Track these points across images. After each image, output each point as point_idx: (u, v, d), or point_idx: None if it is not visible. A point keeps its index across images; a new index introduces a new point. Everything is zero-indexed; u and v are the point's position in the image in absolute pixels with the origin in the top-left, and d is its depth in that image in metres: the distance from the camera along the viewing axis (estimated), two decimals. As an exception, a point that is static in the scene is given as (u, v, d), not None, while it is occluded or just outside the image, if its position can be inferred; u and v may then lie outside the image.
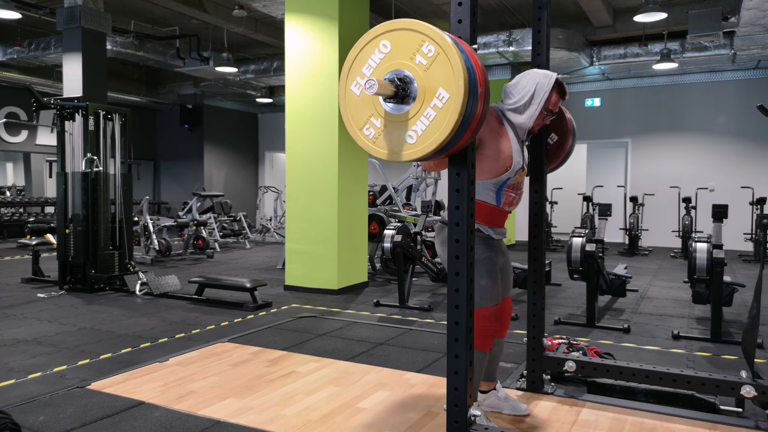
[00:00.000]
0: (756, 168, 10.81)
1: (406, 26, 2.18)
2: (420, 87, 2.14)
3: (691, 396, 2.92)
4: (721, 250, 4.35)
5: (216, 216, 11.63)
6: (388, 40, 2.21)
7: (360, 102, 2.27)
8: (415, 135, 2.16)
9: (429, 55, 2.13)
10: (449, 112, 2.08)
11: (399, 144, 2.21)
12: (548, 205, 11.08)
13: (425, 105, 2.14)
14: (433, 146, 2.12)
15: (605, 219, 6.75)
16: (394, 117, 2.20)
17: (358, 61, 2.27)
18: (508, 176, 2.57)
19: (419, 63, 2.14)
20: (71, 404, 3.01)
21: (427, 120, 2.13)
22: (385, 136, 2.24)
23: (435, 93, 2.11)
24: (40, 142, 13.22)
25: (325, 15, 6.20)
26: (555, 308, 5.57)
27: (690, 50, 9.21)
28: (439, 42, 2.10)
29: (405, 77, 2.16)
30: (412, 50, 2.16)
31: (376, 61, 2.22)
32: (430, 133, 2.13)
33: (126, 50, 10.04)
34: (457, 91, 2.06)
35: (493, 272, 2.60)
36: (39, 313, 5.25)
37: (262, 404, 3.01)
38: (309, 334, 4.52)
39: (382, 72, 2.21)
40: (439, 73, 2.11)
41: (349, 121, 2.30)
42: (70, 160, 6.30)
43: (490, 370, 2.84)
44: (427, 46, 2.13)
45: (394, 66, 2.19)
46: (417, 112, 2.16)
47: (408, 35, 2.17)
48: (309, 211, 6.37)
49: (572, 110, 12.26)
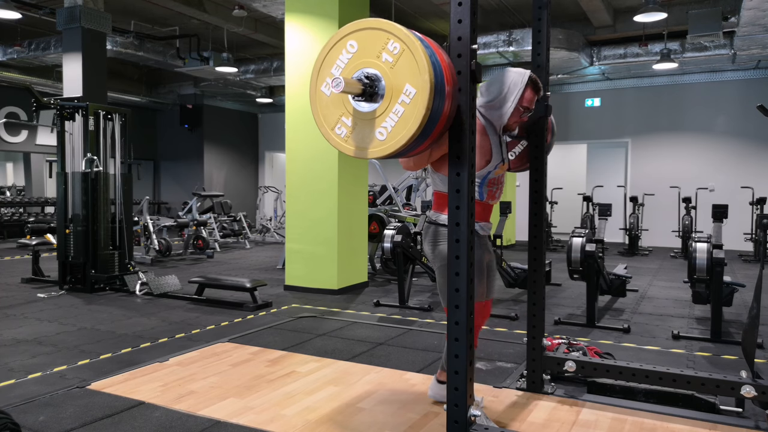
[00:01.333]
0: (756, 168, 10.81)
1: (372, 25, 2.22)
2: (387, 84, 2.19)
3: (691, 396, 2.92)
4: (721, 250, 4.35)
5: (216, 216, 11.64)
6: (355, 40, 2.25)
7: (330, 102, 2.32)
8: (385, 131, 2.21)
9: (394, 52, 2.17)
10: (417, 107, 2.13)
11: (370, 141, 2.25)
12: (548, 205, 11.09)
13: (393, 101, 2.18)
14: (403, 141, 2.16)
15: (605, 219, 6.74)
16: (364, 115, 2.24)
17: (326, 61, 2.31)
18: (489, 170, 2.62)
19: (386, 61, 2.19)
20: (71, 404, 3.01)
21: (396, 116, 2.18)
22: (356, 134, 2.28)
23: (402, 89, 2.16)
24: (40, 142, 13.22)
25: (325, 15, 6.20)
26: (555, 308, 5.57)
27: (690, 50, 9.21)
28: (404, 39, 2.14)
29: (372, 75, 2.21)
30: (378, 49, 2.20)
31: (344, 61, 2.26)
32: (400, 129, 2.18)
33: (126, 50, 10.04)
34: (423, 86, 2.10)
35: (478, 270, 2.62)
36: (39, 313, 5.25)
37: (262, 404, 3.01)
38: (309, 334, 4.52)
39: (350, 71, 2.25)
40: (405, 70, 2.15)
41: (320, 121, 2.35)
42: (70, 160, 6.30)
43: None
44: (392, 44, 2.17)
45: (362, 65, 2.23)
46: (386, 108, 2.20)
47: (374, 34, 2.21)
48: (309, 211, 6.37)
49: (572, 110, 12.30)
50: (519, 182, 12.20)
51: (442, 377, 2.91)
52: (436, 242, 2.65)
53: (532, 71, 2.74)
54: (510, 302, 5.87)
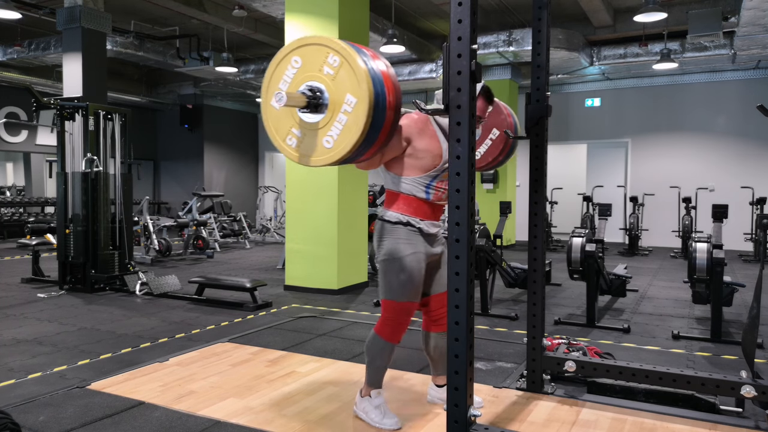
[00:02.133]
0: (756, 168, 10.81)
1: (312, 41, 2.41)
2: (330, 96, 2.37)
3: (691, 396, 2.92)
4: (721, 250, 4.35)
5: (216, 216, 11.63)
6: (299, 56, 2.44)
7: (281, 115, 2.49)
8: (332, 140, 2.38)
9: (334, 65, 2.35)
10: (358, 116, 2.30)
11: (318, 150, 2.42)
12: (548, 205, 11.09)
13: (337, 111, 2.35)
14: (348, 148, 2.34)
15: (605, 219, 6.75)
16: (311, 125, 2.42)
17: (274, 77, 2.50)
18: (437, 173, 2.69)
19: (327, 73, 2.37)
20: (71, 404, 3.01)
21: (340, 125, 2.35)
22: (305, 143, 2.46)
23: (344, 99, 2.33)
24: (40, 142, 13.22)
25: (325, 15, 6.20)
26: (555, 308, 5.57)
27: (690, 50, 9.21)
28: (341, 52, 2.33)
29: (315, 88, 2.39)
30: (320, 63, 2.38)
31: (290, 76, 2.45)
32: (345, 136, 2.34)
33: (126, 50, 10.04)
34: (363, 94, 2.28)
35: (417, 269, 2.66)
36: (39, 313, 5.25)
37: (262, 404, 3.01)
38: (309, 334, 4.52)
39: (296, 85, 2.43)
40: (345, 81, 2.33)
41: (272, 133, 2.52)
42: (70, 160, 6.30)
43: (438, 363, 2.96)
44: (332, 57, 2.35)
45: (307, 78, 2.41)
46: (330, 118, 2.38)
47: (315, 50, 2.40)
48: (309, 211, 6.37)
49: (572, 110, 12.30)
50: (519, 182, 12.20)
51: (437, 381, 3.02)
52: (382, 238, 2.72)
53: (485, 83, 2.83)
54: (510, 302, 5.87)
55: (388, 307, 2.69)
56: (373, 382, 2.78)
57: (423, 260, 2.70)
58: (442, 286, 2.83)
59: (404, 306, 2.67)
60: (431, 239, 2.76)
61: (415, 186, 2.67)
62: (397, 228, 2.67)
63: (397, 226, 2.67)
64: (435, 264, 2.82)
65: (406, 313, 2.69)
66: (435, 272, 2.83)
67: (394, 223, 2.68)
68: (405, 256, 2.64)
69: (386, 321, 2.71)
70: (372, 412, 2.75)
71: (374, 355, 2.74)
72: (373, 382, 2.78)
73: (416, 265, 2.66)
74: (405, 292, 2.65)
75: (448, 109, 2.17)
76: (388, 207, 2.74)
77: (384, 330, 2.71)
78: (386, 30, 8.70)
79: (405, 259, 2.64)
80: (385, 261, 2.67)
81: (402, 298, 2.66)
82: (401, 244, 2.65)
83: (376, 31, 8.64)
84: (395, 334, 2.71)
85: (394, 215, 2.69)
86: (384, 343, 2.71)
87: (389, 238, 2.68)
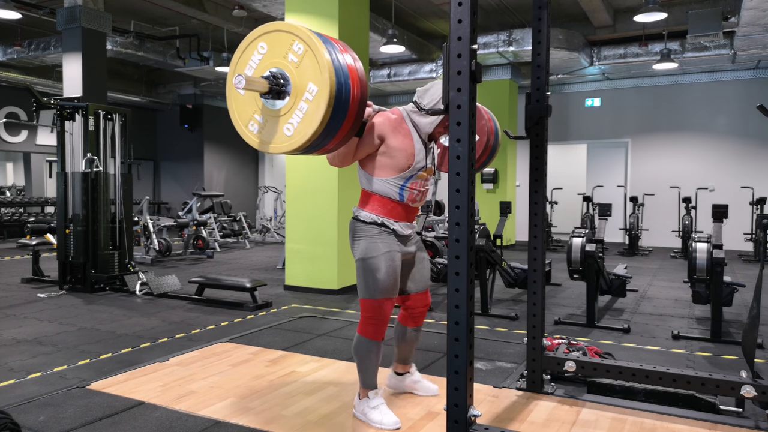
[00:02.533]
0: (756, 168, 10.81)
1: (279, 28, 2.40)
2: (293, 83, 2.36)
3: (691, 396, 2.92)
4: (721, 250, 4.35)
5: (216, 216, 11.63)
6: (265, 42, 2.42)
7: (244, 100, 2.48)
8: (292, 127, 2.37)
9: (299, 52, 2.34)
10: (319, 105, 2.29)
11: (279, 137, 2.41)
12: (548, 205, 11.09)
13: (299, 99, 2.34)
14: (307, 136, 2.33)
15: (605, 219, 6.74)
16: (273, 112, 2.41)
17: (240, 62, 2.49)
18: (411, 173, 2.70)
19: (291, 61, 2.36)
20: (71, 404, 3.01)
21: (301, 113, 2.34)
22: (266, 130, 2.45)
23: (306, 87, 2.32)
24: (40, 142, 13.22)
25: (325, 15, 6.20)
26: (555, 308, 5.57)
27: (690, 50, 9.21)
28: (306, 40, 2.31)
29: (279, 74, 2.38)
30: (285, 49, 2.37)
31: (256, 61, 2.44)
32: (305, 124, 2.33)
33: (126, 50, 10.04)
34: (324, 84, 2.27)
35: (392, 267, 2.70)
36: (39, 313, 5.25)
37: (262, 404, 3.01)
38: (309, 334, 4.52)
39: (261, 71, 2.42)
40: (308, 69, 2.31)
41: (235, 118, 2.52)
42: (70, 160, 6.30)
43: (407, 354, 3.05)
44: (297, 45, 2.34)
45: (271, 65, 2.40)
46: (292, 105, 2.36)
47: (281, 36, 2.38)
48: (309, 211, 6.37)
49: (572, 110, 12.31)
50: (519, 182, 12.21)
51: (399, 369, 3.13)
52: (354, 237, 2.78)
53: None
54: (510, 302, 5.87)
55: (368, 306, 2.73)
56: (368, 383, 2.80)
57: (398, 258, 2.74)
58: (421, 285, 2.91)
59: (383, 303, 2.71)
60: (404, 240, 2.80)
61: (389, 187, 2.70)
62: (370, 227, 2.71)
63: (371, 226, 2.72)
64: (410, 261, 2.88)
65: (386, 310, 2.74)
66: (411, 270, 2.89)
67: (368, 223, 2.72)
68: (380, 255, 2.68)
69: (367, 320, 2.75)
70: (370, 413, 2.75)
71: (362, 356, 2.77)
72: (368, 384, 2.80)
73: (392, 262, 2.70)
74: (382, 289, 2.69)
75: (448, 109, 2.17)
76: (363, 207, 2.77)
77: (366, 330, 2.75)
78: (386, 30, 8.70)
79: (381, 257, 2.68)
80: (362, 260, 2.72)
81: (380, 295, 2.69)
82: (376, 242, 2.69)
83: (376, 31, 8.64)
84: (378, 332, 2.74)
85: (368, 215, 2.72)
86: (369, 342, 2.75)
87: (364, 238, 2.72)
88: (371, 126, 2.66)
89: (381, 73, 11.27)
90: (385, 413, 2.74)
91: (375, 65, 11.40)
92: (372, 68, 11.28)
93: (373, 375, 2.80)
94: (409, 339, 2.99)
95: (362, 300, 2.74)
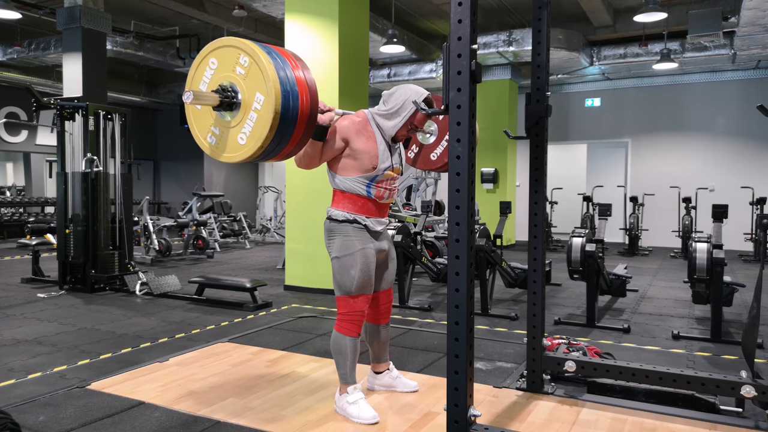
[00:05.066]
0: (756, 168, 10.81)
1: (225, 43, 2.53)
2: (243, 95, 2.49)
3: (691, 396, 2.92)
4: (721, 250, 4.35)
5: (216, 216, 11.63)
6: (215, 57, 2.57)
7: (202, 114, 2.64)
8: (245, 136, 2.50)
9: (245, 65, 2.47)
10: (267, 113, 2.41)
11: (233, 146, 2.55)
12: (548, 205, 11.09)
13: (248, 109, 2.47)
14: (259, 144, 2.44)
15: (605, 219, 6.73)
16: (227, 123, 2.56)
17: (195, 78, 2.63)
18: (376, 174, 2.79)
19: (239, 73, 2.49)
20: (71, 404, 3.01)
21: (251, 122, 2.46)
22: (222, 140, 2.59)
23: (254, 97, 2.45)
24: (40, 142, 13.22)
25: (325, 15, 6.19)
26: (555, 308, 5.57)
27: (690, 50, 9.21)
28: (250, 53, 2.45)
29: (229, 87, 2.52)
30: (233, 63, 2.50)
31: (209, 76, 2.58)
32: (255, 133, 2.46)
33: (126, 50, 10.03)
34: (269, 92, 2.39)
35: (366, 264, 2.78)
36: (39, 313, 5.25)
37: (262, 404, 3.01)
38: (309, 334, 4.52)
39: (214, 85, 2.56)
40: (255, 80, 2.44)
41: (195, 131, 2.67)
42: (70, 160, 6.30)
43: (382, 352, 3.11)
44: (242, 58, 2.47)
45: (222, 78, 2.54)
46: (243, 116, 2.50)
47: (228, 51, 2.53)
48: (309, 211, 6.37)
49: (572, 110, 12.31)
50: (519, 182, 12.20)
51: (378, 368, 3.17)
52: (331, 236, 2.84)
53: (430, 94, 2.87)
54: (510, 302, 5.87)
55: (344, 303, 2.80)
56: (346, 378, 2.85)
57: (372, 255, 2.81)
58: (388, 283, 3.01)
59: (358, 299, 2.79)
60: (377, 235, 2.88)
61: (356, 185, 2.79)
62: (344, 226, 2.79)
63: (344, 224, 2.79)
64: (383, 260, 2.95)
65: (361, 306, 2.80)
66: (383, 269, 2.97)
67: (341, 221, 2.80)
68: (356, 251, 2.76)
69: (344, 317, 2.81)
70: (349, 408, 2.81)
71: (340, 352, 2.83)
72: (346, 379, 2.85)
73: (366, 259, 2.78)
74: (358, 285, 2.76)
75: (448, 109, 2.17)
76: (335, 206, 2.85)
77: (343, 326, 2.81)
78: (386, 30, 8.70)
79: (356, 254, 2.76)
80: (337, 258, 2.79)
81: (356, 292, 2.77)
82: (351, 240, 2.77)
83: (376, 31, 8.64)
84: (354, 329, 2.81)
85: (340, 213, 2.80)
86: (346, 339, 2.81)
87: (338, 236, 2.80)
88: (335, 129, 2.74)
89: (381, 73, 11.26)
90: (363, 408, 2.79)
91: (375, 65, 11.40)
92: (372, 68, 11.27)
93: (351, 370, 2.85)
94: (383, 337, 3.08)
95: (338, 297, 2.82)
